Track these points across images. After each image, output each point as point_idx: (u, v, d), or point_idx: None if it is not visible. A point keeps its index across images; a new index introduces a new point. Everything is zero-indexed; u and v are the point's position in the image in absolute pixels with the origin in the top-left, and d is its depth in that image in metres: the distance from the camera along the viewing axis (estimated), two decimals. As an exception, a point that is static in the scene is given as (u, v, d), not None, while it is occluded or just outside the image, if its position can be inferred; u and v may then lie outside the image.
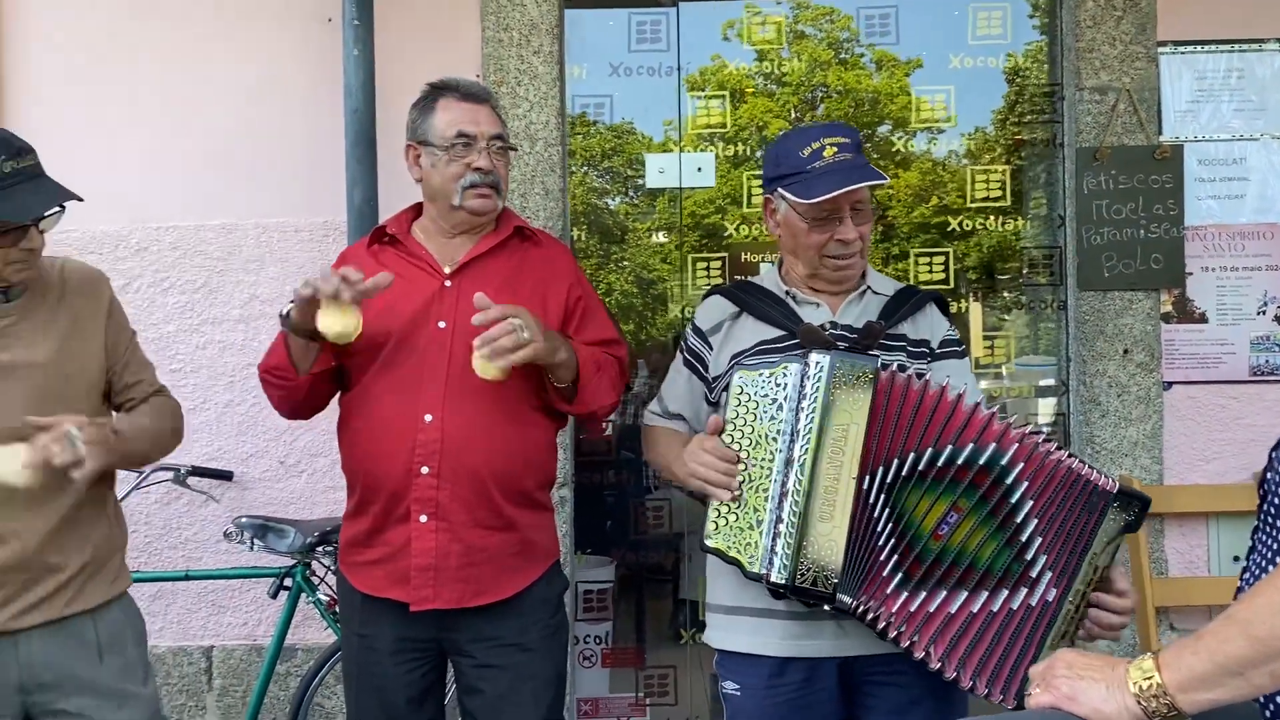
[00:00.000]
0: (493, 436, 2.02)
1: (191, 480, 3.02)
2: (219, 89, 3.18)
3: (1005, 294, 3.50)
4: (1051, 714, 1.10)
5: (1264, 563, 1.22)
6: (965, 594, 1.67)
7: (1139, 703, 1.05)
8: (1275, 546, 1.20)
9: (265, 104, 3.17)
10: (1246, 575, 1.25)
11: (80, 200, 1.85)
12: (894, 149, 3.56)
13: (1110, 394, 3.14)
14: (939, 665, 1.66)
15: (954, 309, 3.43)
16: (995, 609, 1.66)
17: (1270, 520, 1.22)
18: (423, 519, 2.00)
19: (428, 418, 2.00)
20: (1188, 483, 3.13)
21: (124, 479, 2.17)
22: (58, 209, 1.84)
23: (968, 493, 1.67)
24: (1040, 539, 1.65)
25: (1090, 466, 1.68)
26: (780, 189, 1.93)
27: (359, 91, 2.91)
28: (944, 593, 1.67)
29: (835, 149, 1.88)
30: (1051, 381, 3.36)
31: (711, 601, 1.96)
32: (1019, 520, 1.65)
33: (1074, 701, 1.09)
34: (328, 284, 1.86)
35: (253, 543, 2.83)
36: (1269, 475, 1.24)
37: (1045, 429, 3.35)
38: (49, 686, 1.90)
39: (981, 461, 1.66)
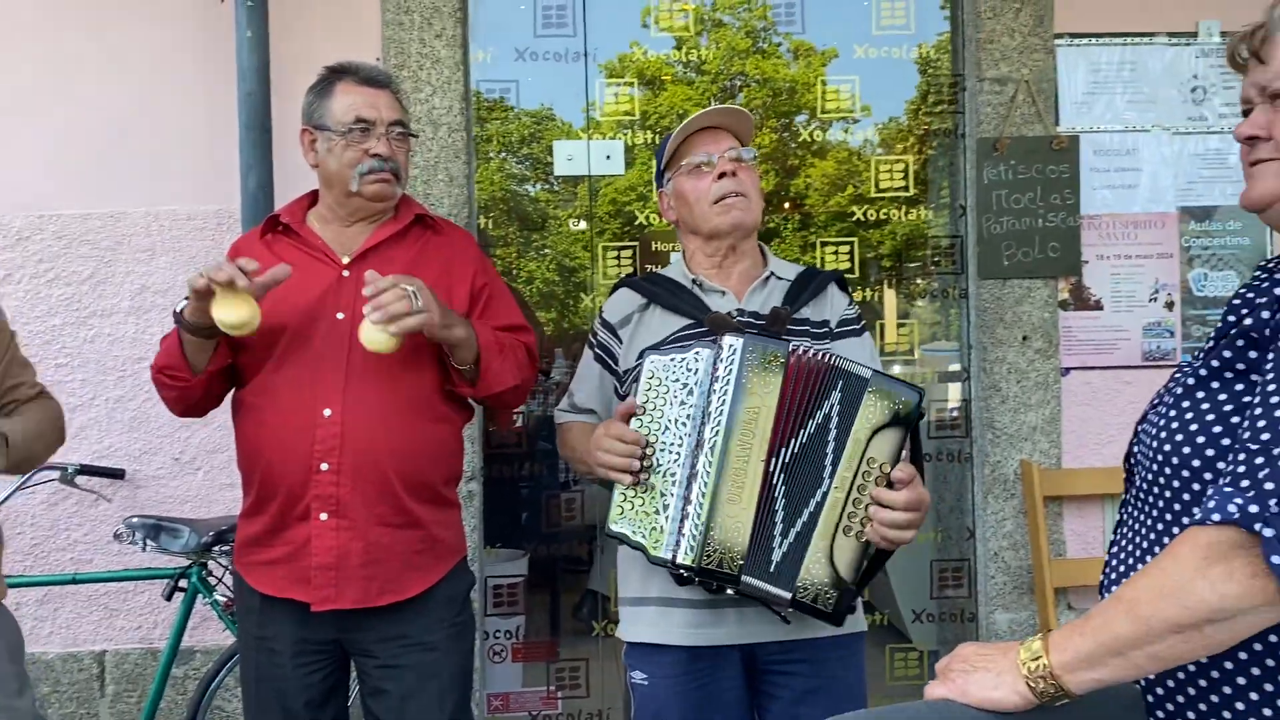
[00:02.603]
0: (396, 430, 1.97)
1: (80, 479, 2.90)
2: (104, 70, 3.04)
3: (918, 281, 3.56)
4: (947, 705, 1.10)
5: (1132, 534, 1.23)
6: (798, 519, 1.70)
7: (1028, 685, 1.07)
8: (1141, 519, 1.22)
9: (154, 87, 3.04)
10: (1114, 549, 1.27)
11: None
12: (811, 139, 3.59)
13: (1010, 380, 3.21)
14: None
15: (863, 296, 3.48)
16: (806, 519, 1.69)
17: (1136, 495, 1.25)
18: (323, 517, 1.95)
19: (327, 412, 1.94)
20: (1085, 466, 3.22)
21: (6, 480, 2.05)
22: None
23: (823, 439, 1.71)
24: (834, 443, 1.69)
25: (849, 360, 1.75)
26: (666, 171, 2.02)
27: (252, 75, 2.80)
28: (794, 531, 1.70)
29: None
30: (957, 367, 3.42)
31: (621, 594, 1.96)
32: (831, 432, 1.70)
33: (966, 695, 1.10)
34: (222, 273, 1.79)
35: (145, 543, 2.72)
36: (1135, 449, 1.26)
37: (954, 412, 3.43)
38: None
39: (828, 411, 1.71)
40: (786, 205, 3.69)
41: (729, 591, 1.73)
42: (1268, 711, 1.07)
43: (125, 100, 3.04)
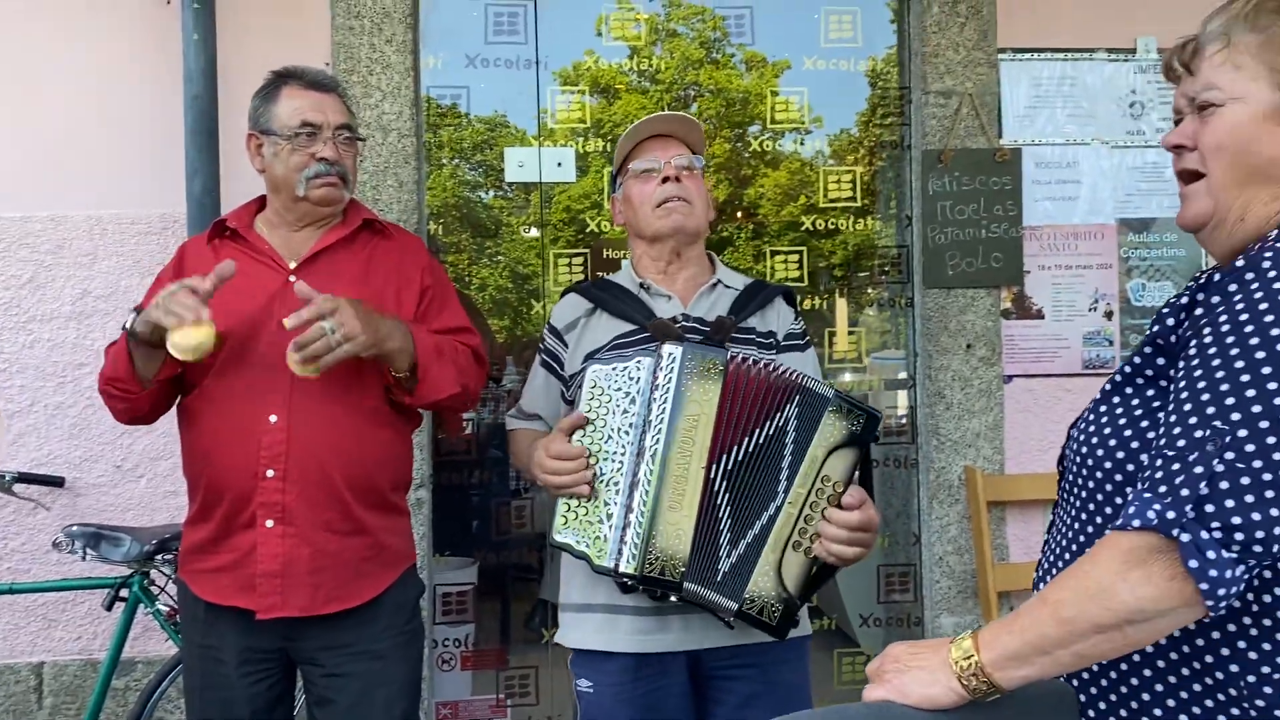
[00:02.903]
0: (342, 436, 1.96)
1: (18, 487, 2.82)
2: (46, 71, 2.98)
3: (867, 290, 3.61)
4: (886, 706, 1.12)
5: (1060, 538, 1.27)
6: (749, 530, 1.72)
7: (961, 682, 1.09)
8: (1069, 521, 1.25)
9: (98, 88, 2.99)
10: (1045, 548, 1.31)
11: None
12: (763, 149, 3.62)
13: (954, 387, 3.27)
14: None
15: (813, 305, 3.52)
16: (757, 532, 1.71)
17: (1064, 494, 1.28)
18: (269, 524, 1.94)
19: (272, 418, 1.93)
20: (1027, 471, 3.28)
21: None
22: None
23: (777, 452, 1.72)
24: (791, 458, 1.71)
25: (812, 378, 1.77)
26: (619, 176, 2.06)
27: (199, 78, 2.78)
28: (744, 541, 1.72)
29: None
30: (905, 375, 3.47)
31: (564, 601, 1.96)
32: (787, 446, 1.71)
33: (905, 695, 1.12)
34: (185, 309, 1.77)
35: (85, 552, 2.67)
36: (1066, 451, 1.30)
37: (903, 419, 3.47)
38: None
39: (783, 425, 1.72)
40: (739, 215, 3.72)
41: (673, 599, 1.75)
42: (1171, 702, 1.12)
43: (68, 102, 2.98)
